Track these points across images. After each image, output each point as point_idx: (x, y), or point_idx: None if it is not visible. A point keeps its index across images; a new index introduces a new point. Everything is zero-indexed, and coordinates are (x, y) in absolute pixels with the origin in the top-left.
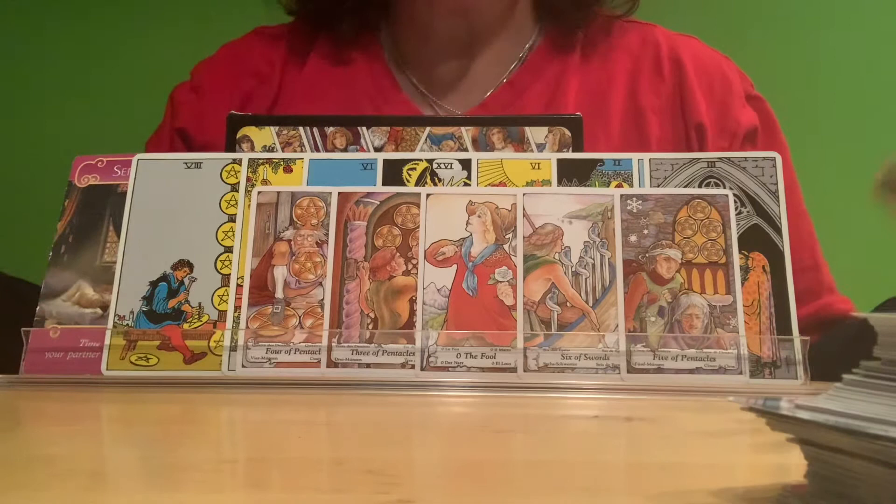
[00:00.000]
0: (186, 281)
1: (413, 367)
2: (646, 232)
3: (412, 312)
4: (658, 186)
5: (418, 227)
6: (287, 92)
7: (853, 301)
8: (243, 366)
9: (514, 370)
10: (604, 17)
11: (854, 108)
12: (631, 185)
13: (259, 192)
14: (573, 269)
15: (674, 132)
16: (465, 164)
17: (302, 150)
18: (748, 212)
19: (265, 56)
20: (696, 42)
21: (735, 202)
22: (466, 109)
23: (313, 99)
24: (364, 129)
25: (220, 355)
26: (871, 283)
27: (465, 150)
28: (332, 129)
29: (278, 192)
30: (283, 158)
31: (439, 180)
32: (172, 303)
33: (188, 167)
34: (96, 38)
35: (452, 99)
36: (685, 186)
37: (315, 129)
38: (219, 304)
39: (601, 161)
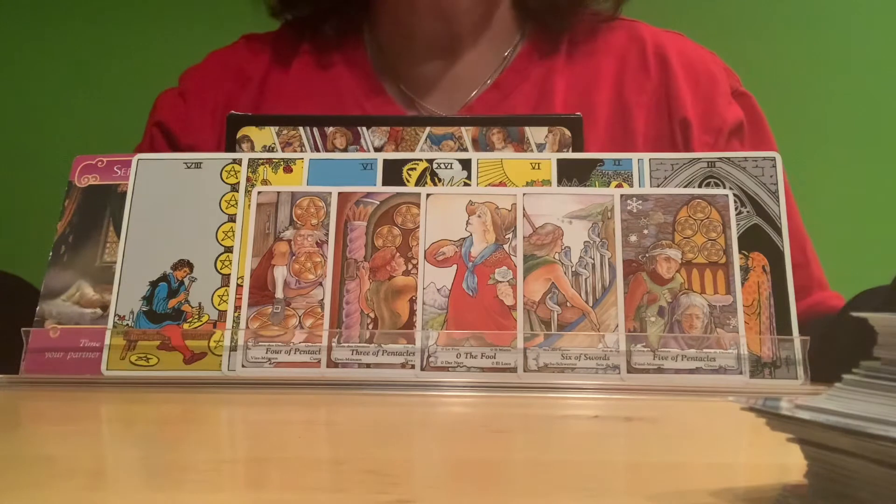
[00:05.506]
0: (186, 281)
1: (413, 367)
2: (646, 232)
3: (412, 312)
4: (658, 186)
5: (418, 227)
6: (271, 95)
7: (845, 297)
8: (243, 366)
9: (514, 370)
10: (587, 20)
11: (847, 109)
12: (631, 185)
13: (259, 192)
14: (573, 269)
15: (659, 128)
16: (465, 164)
17: (302, 150)
18: (748, 212)
19: (250, 60)
20: (682, 38)
21: (735, 202)
22: (451, 112)
23: (297, 102)
24: (364, 129)
25: (220, 355)
26: (862, 282)
27: (465, 150)
28: (332, 129)
29: (278, 192)
30: (283, 158)
31: (439, 180)
32: (172, 303)
33: (188, 167)
34: (96, 38)
35: (436, 101)
36: (685, 186)
37: (315, 129)
38: (219, 304)
39: (601, 161)
